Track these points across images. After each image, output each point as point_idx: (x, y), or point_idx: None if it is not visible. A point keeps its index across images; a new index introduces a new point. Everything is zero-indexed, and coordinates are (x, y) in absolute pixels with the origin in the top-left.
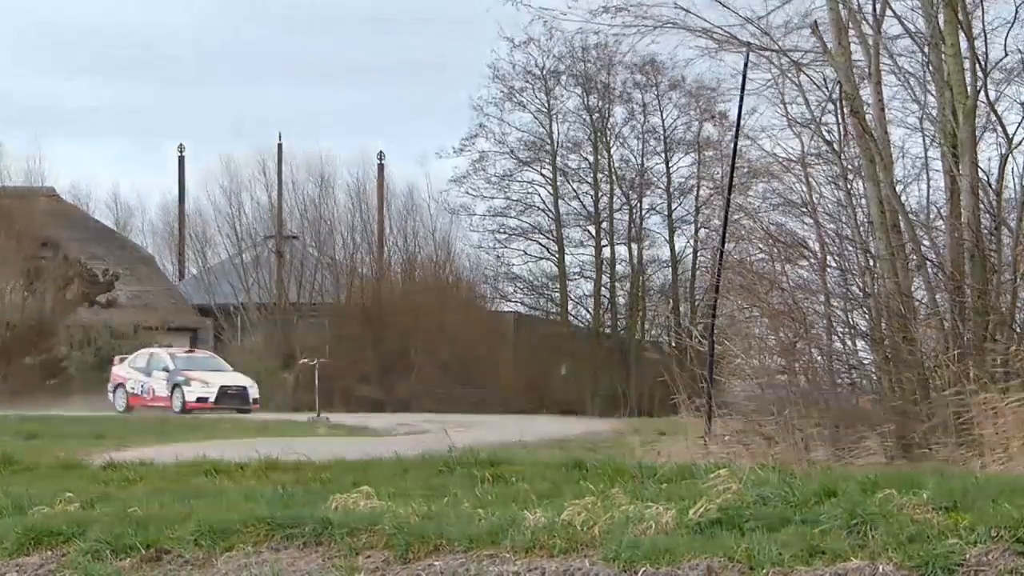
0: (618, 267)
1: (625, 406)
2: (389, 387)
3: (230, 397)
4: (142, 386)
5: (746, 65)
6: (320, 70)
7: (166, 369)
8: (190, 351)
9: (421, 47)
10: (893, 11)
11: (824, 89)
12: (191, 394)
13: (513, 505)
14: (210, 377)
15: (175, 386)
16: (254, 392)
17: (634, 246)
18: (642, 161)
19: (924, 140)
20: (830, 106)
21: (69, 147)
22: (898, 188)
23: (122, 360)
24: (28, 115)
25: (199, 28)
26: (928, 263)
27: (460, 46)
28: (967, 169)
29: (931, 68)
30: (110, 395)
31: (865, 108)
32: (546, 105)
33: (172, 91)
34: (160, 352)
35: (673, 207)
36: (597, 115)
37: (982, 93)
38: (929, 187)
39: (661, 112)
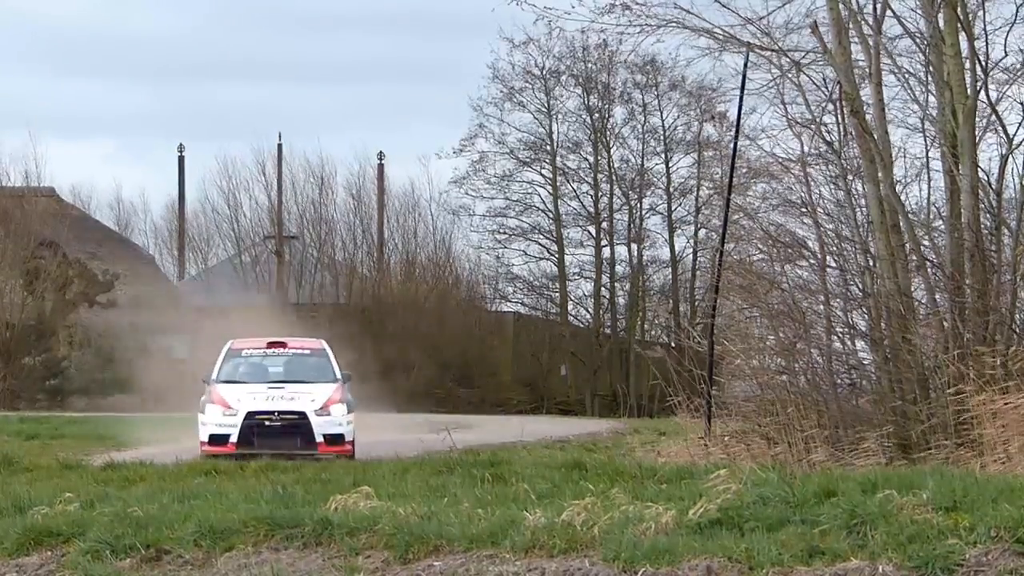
0: (618, 267)
1: (625, 406)
2: (389, 387)
3: (269, 435)
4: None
5: (746, 65)
6: (320, 70)
7: (206, 379)
8: (276, 343)
9: (421, 47)
10: (893, 11)
11: (824, 89)
12: (203, 430)
13: (513, 505)
14: (242, 396)
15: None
16: (330, 424)
17: (634, 246)
18: (642, 161)
19: (925, 140)
20: (830, 106)
21: (70, 148)
22: (898, 188)
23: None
24: (28, 116)
25: (199, 28)
26: (928, 263)
27: (460, 46)
28: (967, 169)
29: (931, 68)
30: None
31: (865, 108)
32: (546, 105)
33: (172, 92)
34: (231, 346)
35: (673, 207)
36: (597, 115)
37: (982, 93)
38: (929, 187)
39: (661, 112)
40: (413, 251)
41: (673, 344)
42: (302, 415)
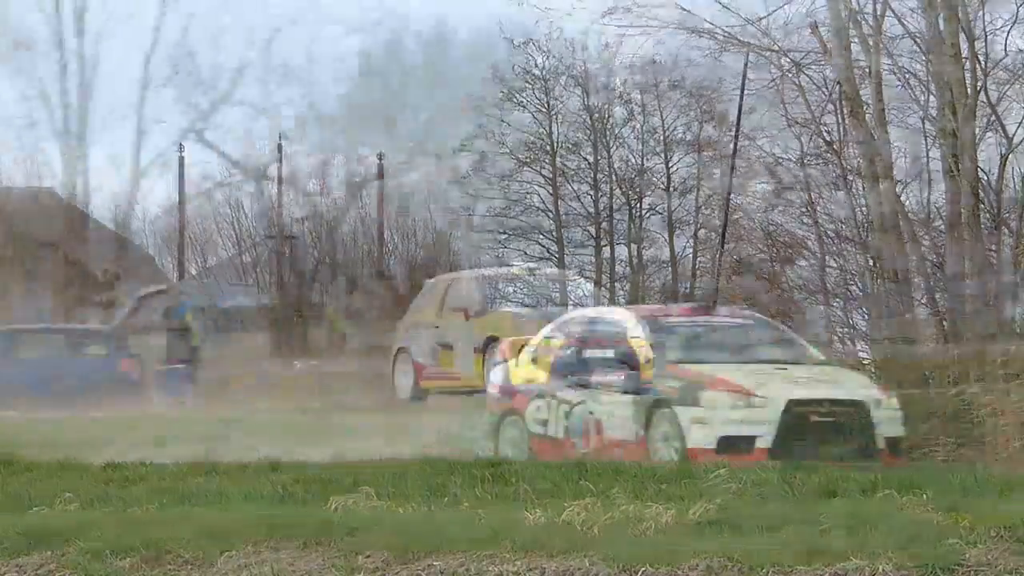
0: (618, 267)
1: None
2: None
3: (814, 436)
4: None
5: (746, 65)
6: (320, 69)
7: (628, 358)
8: (698, 309)
9: (421, 47)
10: (893, 11)
11: (824, 89)
12: (701, 430)
13: (513, 505)
14: (763, 379)
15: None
16: (892, 424)
17: (634, 246)
18: (642, 161)
19: (925, 140)
20: (830, 106)
21: (69, 148)
22: (898, 188)
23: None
24: (27, 115)
25: (199, 28)
26: (928, 263)
27: (460, 46)
28: (967, 169)
29: (931, 68)
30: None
31: (865, 108)
32: (546, 105)
33: (171, 91)
34: (643, 314)
35: (673, 207)
36: (597, 115)
37: (982, 93)
38: (930, 187)
39: (661, 112)
40: (413, 251)
41: None
42: (859, 406)
